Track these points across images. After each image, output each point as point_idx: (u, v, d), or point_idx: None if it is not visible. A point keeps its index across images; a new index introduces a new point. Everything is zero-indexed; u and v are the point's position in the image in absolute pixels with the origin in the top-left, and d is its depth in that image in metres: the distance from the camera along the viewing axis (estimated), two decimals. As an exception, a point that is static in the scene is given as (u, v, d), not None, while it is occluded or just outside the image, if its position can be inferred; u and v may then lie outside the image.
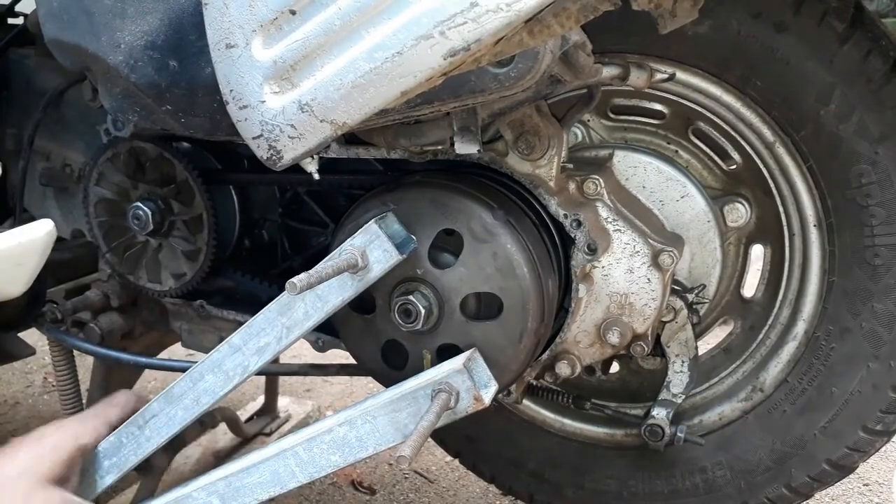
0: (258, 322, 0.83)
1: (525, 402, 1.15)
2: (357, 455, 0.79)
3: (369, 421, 0.78)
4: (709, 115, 0.99)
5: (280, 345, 0.83)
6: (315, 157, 0.78)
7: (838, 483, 1.07)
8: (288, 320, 0.82)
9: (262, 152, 0.71)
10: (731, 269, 1.07)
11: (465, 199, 0.83)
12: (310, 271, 0.74)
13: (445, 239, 0.85)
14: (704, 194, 1.02)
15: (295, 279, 0.71)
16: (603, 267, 0.94)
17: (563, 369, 0.98)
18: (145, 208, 1.06)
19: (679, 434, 1.02)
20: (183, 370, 0.89)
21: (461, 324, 0.85)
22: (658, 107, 1.03)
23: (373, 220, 0.80)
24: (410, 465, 1.71)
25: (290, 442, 0.82)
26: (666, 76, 0.94)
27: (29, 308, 1.13)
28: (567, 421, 1.18)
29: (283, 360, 1.59)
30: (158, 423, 0.89)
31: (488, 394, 0.78)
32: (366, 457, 0.80)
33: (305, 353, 1.19)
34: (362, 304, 0.87)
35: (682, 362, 1.03)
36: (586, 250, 0.92)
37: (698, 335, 1.08)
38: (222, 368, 0.84)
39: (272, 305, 0.83)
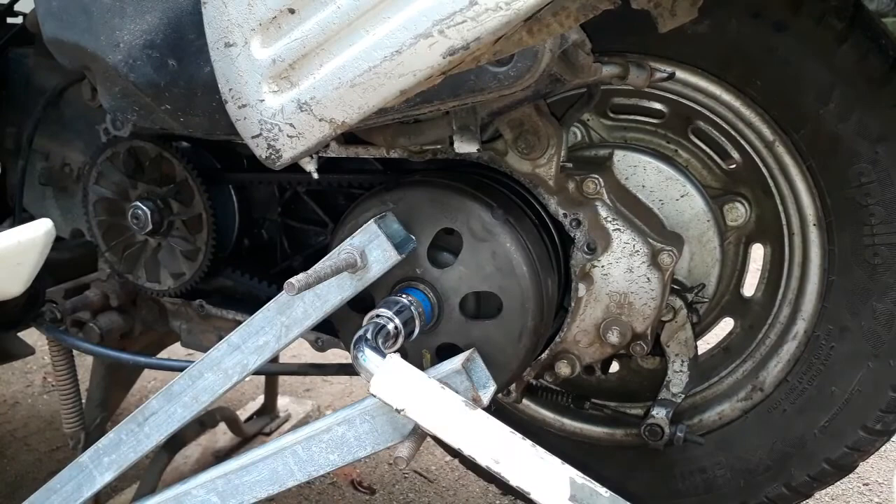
0: (257, 321, 0.83)
1: (524, 401, 1.15)
2: (356, 454, 0.80)
3: (368, 420, 0.78)
4: (708, 114, 0.99)
5: (279, 343, 0.83)
6: (314, 156, 0.78)
7: (838, 483, 1.07)
8: (287, 319, 0.82)
9: (261, 151, 0.71)
10: (731, 268, 1.07)
11: (464, 198, 0.83)
12: (308, 271, 0.74)
13: (445, 238, 0.85)
14: (704, 193, 1.02)
15: (293, 279, 0.71)
16: (602, 266, 0.94)
17: (562, 369, 0.98)
18: (144, 208, 1.06)
19: (679, 433, 1.02)
20: (182, 370, 0.89)
21: (460, 323, 0.85)
22: (658, 106, 1.03)
23: (372, 220, 0.80)
24: (409, 465, 1.71)
25: (288, 441, 0.82)
26: (665, 75, 0.94)
27: (28, 307, 1.13)
28: (567, 420, 1.17)
29: (283, 359, 1.59)
30: (157, 420, 0.89)
31: (487, 394, 0.78)
32: (364, 456, 0.80)
33: (305, 353, 1.19)
34: (362, 303, 0.87)
35: (682, 362, 1.03)
36: (586, 249, 0.92)
37: (698, 334, 1.07)
38: (221, 367, 0.84)
39: (271, 304, 0.83)
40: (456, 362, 0.78)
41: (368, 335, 0.75)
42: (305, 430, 0.82)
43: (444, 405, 0.70)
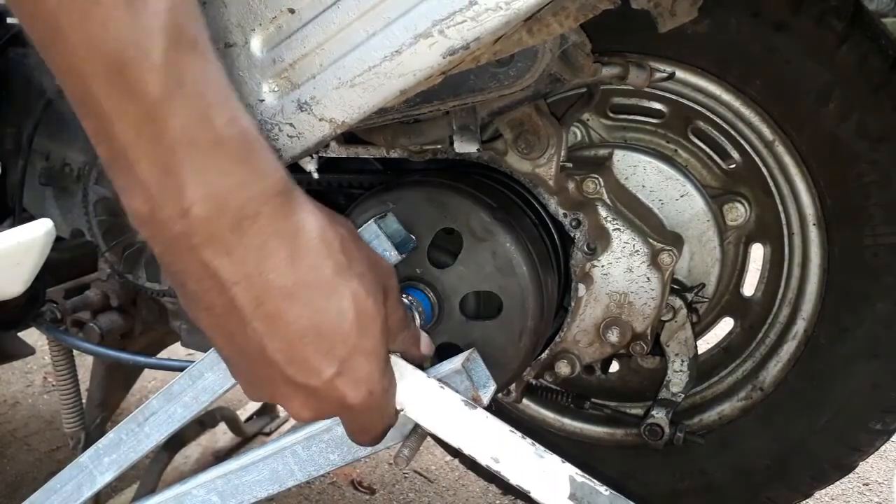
0: None
1: (525, 401, 1.15)
2: (356, 454, 0.79)
3: None
4: (708, 113, 0.99)
5: None
6: (314, 155, 0.79)
7: (838, 483, 1.07)
8: (287, 319, 0.82)
9: (261, 151, 0.71)
10: (731, 268, 1.07)
11: (463, 198, 0.83)
12: (309, 270, 0.74)
13: (445, 238, 0.85)
14: (704, 193, 1.02)
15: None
16: (602, 266, 0.94)
17: (562, 368, 0.98)
18: (145, 207, 1.06)
19: (678, 433, 1.02)
20: (182, 370, 0.89)
21: (461, 323, 0.85)
22: (657, 106, 1.03)
23: (372, 220, 0.80)
24: (409, 465, 1.71)
25: (289, 440, 0.82)
26: (665, 75, 0.94)
27: (28, 307, 1.13)
28: (567, 420, 1.18)
29: (283, 359, 1.59)
30: (158, 420, 0.89)
31: (487, 394, 0.78)
32: (364, 456, 0.80)
33: (305, 353, 1.18)
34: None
35: (682, 361, 1.03)
36: (586, 249, 0.92)
37: (698, 334, 1.08)
38: (222, 366, 0.84)
39: (272, 304, 0.83)
40: (456, 362, 0.77)
41: None
42: (306, 429, 0.82)
43: (443, 405, 0.70)
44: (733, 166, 1.03)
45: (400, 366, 0.71)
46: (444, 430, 0.69)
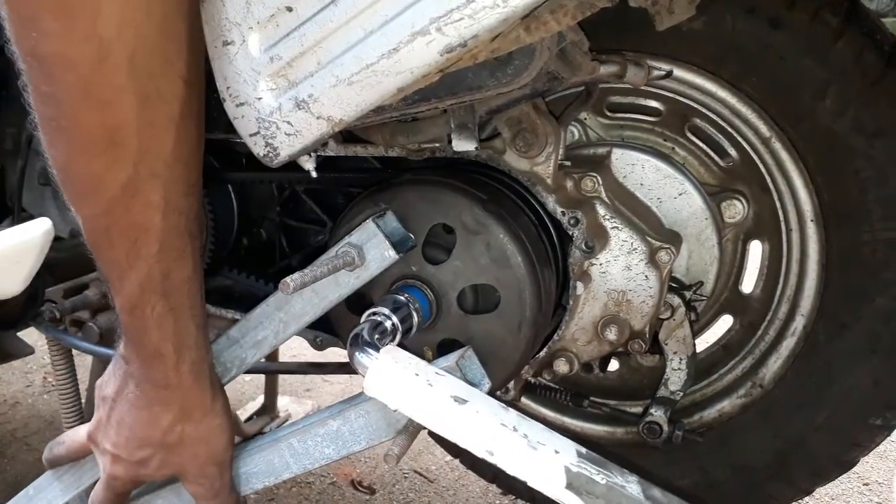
0: (256, 316, 0.84)
1: (524, 399, 1.15)
2: (350, 448, 0.80)
3: (363, 416, 0.79)
4: (705, 111, 0.99)
5: (277, 339, 0.84)
6: (312, 154, 0.79)
7: (838, 483, 1.07)
8: (285, 315, 0.83)
9: (258, 149, 0.72)
10: (729, 265, 1.07)
11: (454, 194, 0.83)
12: (304, 270, 0.74)
13: (441, 235, 0.85)
14: (702, 191, 1.02)
15: (288, 279, 0.72)
16: (601, 264, 0.94)
17: (561, 366, 0.98)
18: (144, 207, 1.06)
19: (677, 431, 1.03)
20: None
21: (460, 318, 0.85)
22: (654, 104, 1.03)
23: (371, 219, 0.80)
24: (409, 465, 1.71)
25: (284, 433, 0.83)
26: (663, 73, 0.94)
27: (27, 307, 1.13)
28: (567, 419, 1.18)
29: (283, 358, 1.59)
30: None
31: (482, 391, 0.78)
32: (359, 450, 0.81)
33: (305, 353, 1.19)
34: (361, 301, 0.87)
35: (680, 359, 1.03)
36: (584, 247, 0.92)
37: (697, 332, 1.08)
38: (220, 360, 0.85)
39: (270, 300, 0.84)
40: (451, 360, 0.78)
41: (365, 333, 0.75)
42: (301, 422, 0.83)
43: (435, 400, 0.70)
44: (731, 163, 1.03)
45: (393, 363, 0.71)
46: (436, 425, 0.70)
